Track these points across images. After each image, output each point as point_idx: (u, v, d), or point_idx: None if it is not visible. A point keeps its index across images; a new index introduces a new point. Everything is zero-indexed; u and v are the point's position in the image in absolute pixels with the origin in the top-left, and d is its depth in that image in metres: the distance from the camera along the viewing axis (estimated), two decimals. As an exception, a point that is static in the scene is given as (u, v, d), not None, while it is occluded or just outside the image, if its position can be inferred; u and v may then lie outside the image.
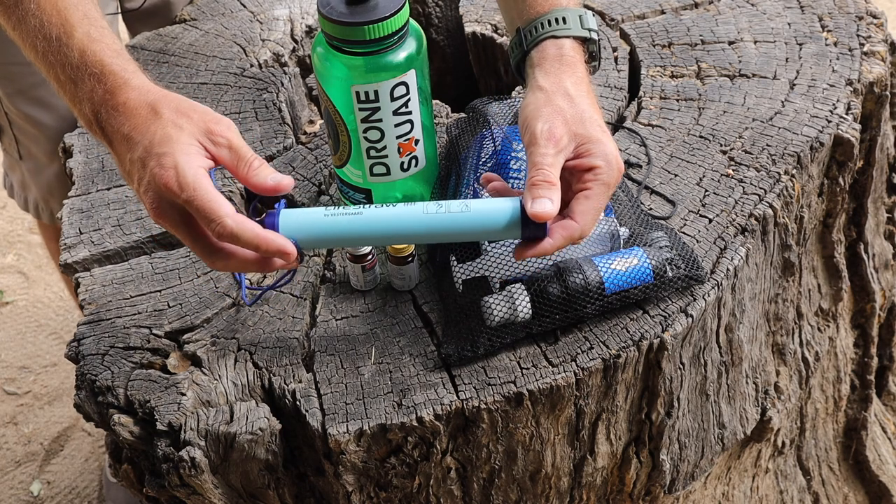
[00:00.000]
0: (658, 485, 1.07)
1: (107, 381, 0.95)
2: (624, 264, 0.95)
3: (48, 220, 1.61)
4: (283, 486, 0.98)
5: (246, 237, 0.82)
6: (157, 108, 0.85)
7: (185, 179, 0.81)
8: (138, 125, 0.85)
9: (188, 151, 0.83)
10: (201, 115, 0.86)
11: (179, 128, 0.84)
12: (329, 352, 0.96)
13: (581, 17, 0.98)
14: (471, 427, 0.92)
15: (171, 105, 0.86)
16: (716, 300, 0.99)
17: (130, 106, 0.86)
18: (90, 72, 0.87)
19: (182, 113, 0.86)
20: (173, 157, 0.82)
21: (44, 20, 0.89)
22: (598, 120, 0.92)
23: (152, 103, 0.86)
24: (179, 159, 0.82)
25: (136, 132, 0.85)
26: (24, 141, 1.52)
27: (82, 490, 1.98)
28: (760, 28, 1.32)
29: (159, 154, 0.83)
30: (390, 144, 0.98)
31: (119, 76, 0.87)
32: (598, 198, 0.87)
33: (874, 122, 1.25)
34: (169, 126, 0.84)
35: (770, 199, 1.08)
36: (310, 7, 1.46)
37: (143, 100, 0.86)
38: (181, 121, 0.85)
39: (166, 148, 0.83)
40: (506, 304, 0.93)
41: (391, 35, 0.91)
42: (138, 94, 0.86)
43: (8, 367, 2.24)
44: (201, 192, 0.81)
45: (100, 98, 0.87)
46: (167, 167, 0.82)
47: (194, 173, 0.82)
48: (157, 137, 0.84)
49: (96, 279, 1.07)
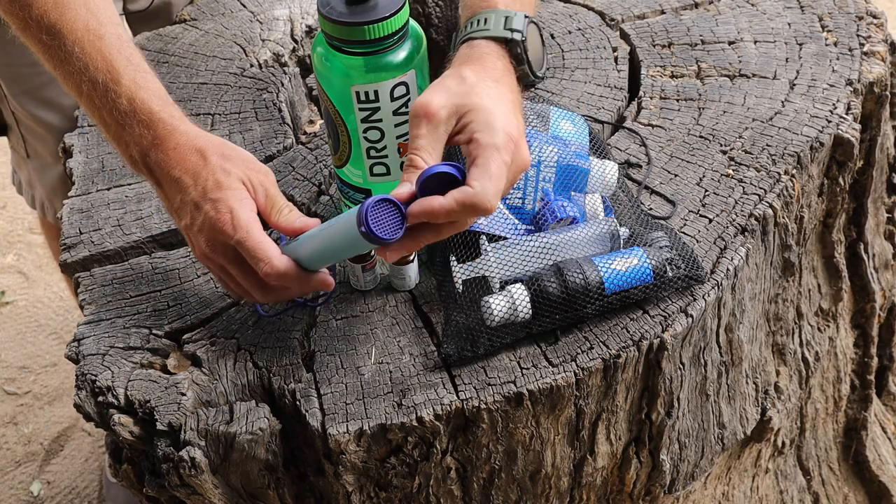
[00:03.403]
0: (658, 485, 1.07)
1: (107, 381, 0.95)
2: (624, 264, 0.95)
3: (52, 219, 1.61)
4: (283, 486, 0.98)
5: (293, 275, 0.89)
6: (204, 154, 0.92)
7: (238, 222, 0.89)
8: (188, 169, 0.92)
9: (240, 197, 0.90)
10: (244, 162, 0.94)
11: (227, 173, 0.91)
12: (329, 352, 0.96)
13: (507, 18, 0.94)
14: (471, 427, 0.92)
15: (217, 150, 0.93)
16: (716, 300, 0.99)
17: (180, 151, 0.92)
18: (139, 119, 0.93)
19: (226, 157, 0.93)
20: (227, 202, 0.90)
21: (88, 64, 0.94)
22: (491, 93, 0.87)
23: (200, 149, 0.93)
24: (234, 205, 0.90)
25: (186, 176, 0.92)
26: (31, 140, 1.52)
27: (82, 490, 1.98)
28: (760, 28, 1.32)
29: (214, 200, 0.90)
30: (390, 144, 0.98)
31: (168, 123, 0.93)
32: (489, 164, 0.82)
33: (874, 122, 1.25)
34: (218, 172, 0.91)
35: (770, 199, 1.08)
36: (310, 7, 1.46)
37: (191, 145, 0.93)
38: (227, 165, 0.92)
39: (220, 194, 0.90)
40: (506, 304, 0.93)
41: (391, 35, 0.91)
42: (186, 139, 0.93)
43: (8, 367, 2.24)
44: (253, 235, 0.89)
45: (149, 143, 0.93)
46: (223, 211, 0.89)
47: (247, 218, 0.89)
48: (209, 183, 0.91)
49: (96, 279, 1.07)
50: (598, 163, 1.06)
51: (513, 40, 0.93)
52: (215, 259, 0.92)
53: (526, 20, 0.92)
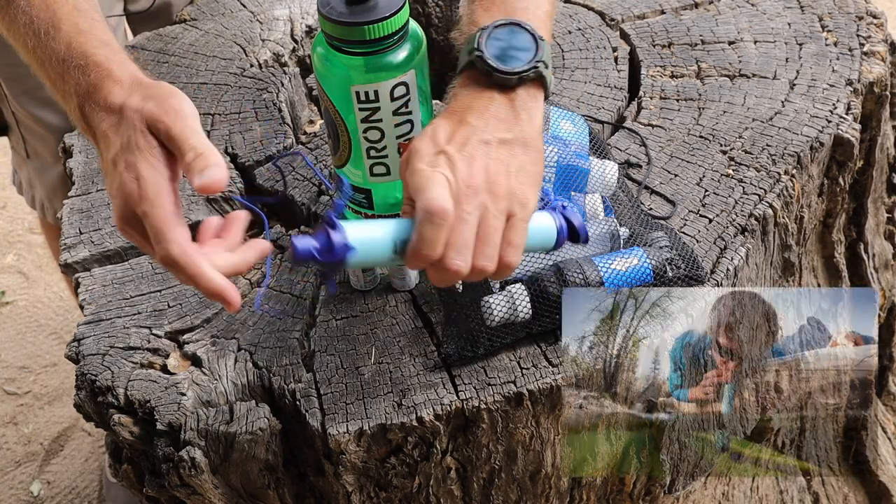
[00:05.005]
0: (658, 485, 1.07)
1: (107, 381, 0.95)
2: (624, 264, 0.95)
3: (52, 219, 1.61)
4: (283, 486, 0.98)
5: (187, 270, 0.77)
6: (125, 105, 0.81)
7: (145, 192, 0.78)
8: (113, 123, 0.81)
9: (151, 161, 0.79)
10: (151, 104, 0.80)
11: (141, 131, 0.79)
12: (329, 352, 0.96)
13: (468, 41, 0.90)
14: (471, 427, 0.92)
15: (137, 99, 0.81)
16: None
17: (110, 101, 0.82)
18: (75, 63, 0.84)
19: (138, 108, 0.80)
20: (136, 167, 0.78)
21: (33, 16, 0.88)
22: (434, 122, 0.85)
23: (124, 99, 0.81)
24: (142, 170, 0.78)
25: (111, 130, 0.81)
26: (31, 140, 1.52)
27: (82, 490, 1.98)
28: (760, 28, 1.32)
29: (127, 163, 0.79)
30: (390, 144, 0.98)
31: (102, 67, 0.83)
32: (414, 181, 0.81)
33: (874, 122, 1.25)
34: (133, 128, 0.80)
35: (770, 199, 1.08)
36: (310, 7, 1.46)
37: (122, 94, 0.82)
38: (135, 118, 0.80)
39: (131, 156, 0.79)
40: (506, 304, 0.93)
41: (391, 35, 0.91)
42: (120, 88, 0.82)
43: (8, 367, 2.24)
44: (158, 210, 0.77)
45: (84, 91, 0.84)
46: (131, 177, 0.78)
47: (156, 187, 0.78)
48: (124, 139, 0.80)
49: (96, 279, 1.07)
50: (598, 163, 1.06)
51: (472, 60, 0.89)
52: (127, 230, 0.81)
53: (484, 31, 0.88)
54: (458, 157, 0.81)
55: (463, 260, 0.78)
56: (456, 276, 0.79)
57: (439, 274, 0.80)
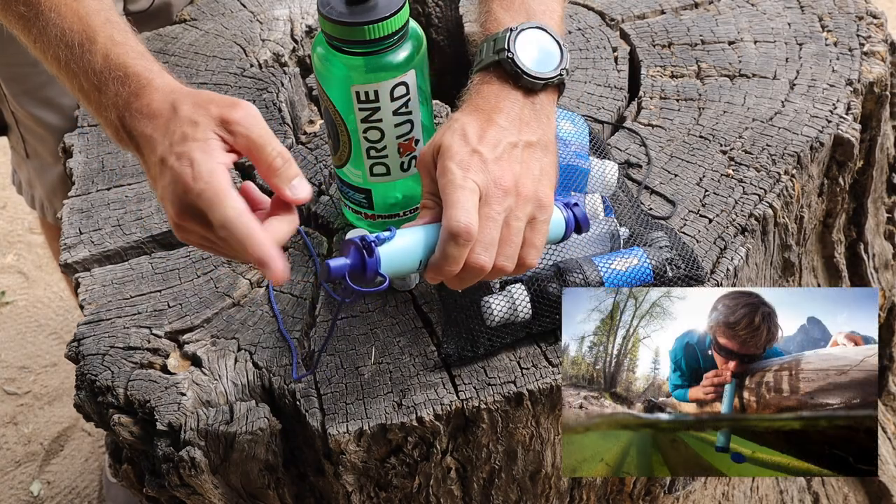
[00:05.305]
0: (658, 485, 1.07)
1: (107, 381, 0.95)
2: (624, 264, 0.95)
3: (52, 219, 1.61)
4: (283, 486, 0.98)
5: (240, 232, 0.77)
6: (175, 106, 0.82)
7: (199, 172, 0.78)
8: (159, 126, 0.82)
9: (206, 148, 0.79)
10: (218, 105, 0.82)
11: (195, 123, 0.81)
12: (329, 352, 0.96)
13: (495, 42, 0.91)
14: (471, 427, 0.92)
15: (189, 100, 0.83)
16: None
17: (154, 107, 0.83)
18: (114, 75, 0.85)
19: (199, 106, 0.82)
20: (189, 154, 0.79)
21: (65, 28, 0.88)
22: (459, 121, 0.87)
23: (172, 102, 0.83)
24: (196, 155, 0.79)
25: (157, 132, 0.82)
26: (31, 140, 1.52)
27: (82, 490, 1.98)
28: (760, 28, 1.32)
29: (178, 153, 0.79)
30: (390, 144, 0.98)
31: (143, 77, 0.85)
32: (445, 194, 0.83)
33: (874, 122, 1.25)
34: (185, 123, 0.81)
35: (770, 199, 1.08)
36: (310, 7, 1.46)
37: (166, 100, 0.83)
38: (197, 115, 0.81)
39: (183, 147, 0.80)
40: (506, 304, 0.93)
41: (391, 35, 0.91)
42: (161, 94, 0.84)
43: (8, 367, 2.24)
44: (213, 184, 0.77)
45: (124, 102, 0.85)
46: (184, 164, 0.79)
47: (210, 167, 0.78)
48: (176, 136, 0.80)
49: (96, 279, 1.07)
50: (598, 163, 1.06)
51: (500, 60, 0.90)
52: (187, 226, 0.81)
53: (513, 32, 0.91)
54: (491, 159, 0.84)
55: (489, 256, 0.82)
56: (479, 272, 0.82)
57: (460, 276, 0.83)
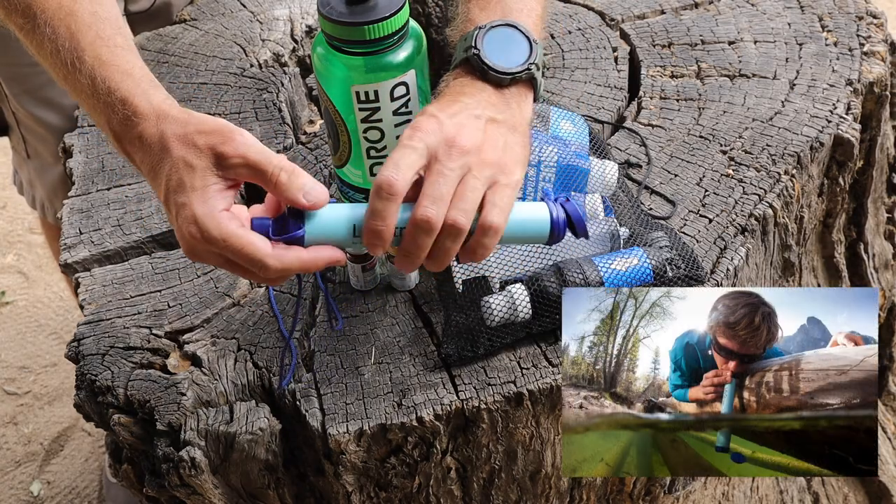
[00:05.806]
0: (658, 485, 1.07)
1: (107, 381, 0.95)
2: (624, 264, 0.95)
3: (52, 219, 1.61)
4: (283, 486, 0.98)
5: (294, 268, 0.80)
6: (165, 143, 0.81)
7: (209, 234, 0.78)
8: (154, 164, 0.82)
9: (204, 197, 0.79)
10: (207, 140, 0.80)
11: (191, 168, 0.79)
12: (329, 352, 0.96)
13: (465, 39, 0.92)
14: (471, 427, 0.92)
15: (178, 132, 0.81)
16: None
17: (145, 141, 0.82)
18: (104, 101, 0.84)
19: (189, 144, 0.80)
20: (191, 208, 0.78)
21: (58, 45, 0.86)
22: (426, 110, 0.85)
23: (161, 137, 0.81)
24: (197, 210, 0.78)
25: (154, 171, 0.82)
26: (32, 140, 1.52)
27: (82, 490, 1.98)
28: (760, 28, 1.32)
29: (179, 205, 0.79)
30: (390, 144, 0.98)
31: (128, 103, 0.83)
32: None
33: (874, 122, 1.25)
34: (181, 167, 0.80)
35: (770, 199, 1.08)
36: (310, 7, 1.46)
37: (154, 132, 0.82)
38: (190, 156, 0.80)
39: (183, 198, 0.79)
40: (506, 304, 0.93)
41: (391, 35, 0.91)
42: (149, 124, 0.82)
43: (8, 367, 2.24)
44: (233, 241, 0.78)
45: (117, 128, 0.84)
46: (189, 221, 0.79)
47: (217, 224, 0.78)
48: (172, 183, 0.80)
49: (96, 279, 1.07)
50: (598, 163, 1.06)
51: (468, 57, 0.90)
52: (198, 258, 0.83)
53: (481, 30, 0.90)
54: (449, 123, 0.82)
55: (436, 210, 0.78)
56: (428, 227, 0.78)
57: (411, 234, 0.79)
